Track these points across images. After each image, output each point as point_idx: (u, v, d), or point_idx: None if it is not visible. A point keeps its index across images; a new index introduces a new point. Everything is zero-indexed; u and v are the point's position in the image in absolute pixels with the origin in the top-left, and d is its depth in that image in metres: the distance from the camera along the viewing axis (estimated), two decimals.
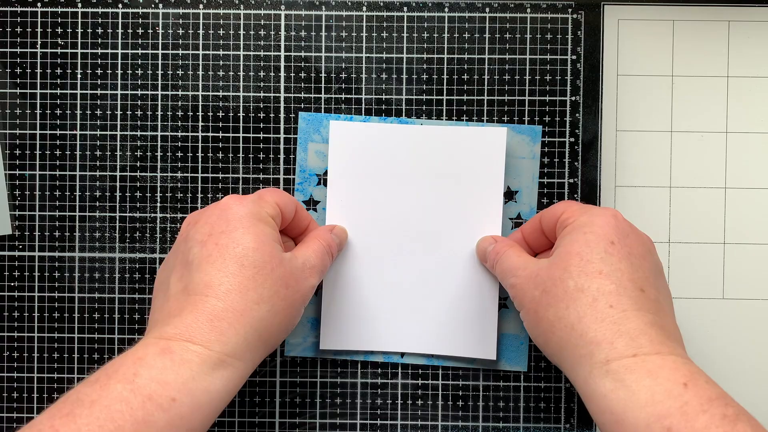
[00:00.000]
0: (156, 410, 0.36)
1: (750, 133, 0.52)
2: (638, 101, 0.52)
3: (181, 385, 0.37)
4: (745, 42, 0.52)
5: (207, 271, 0.41)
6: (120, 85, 0.52)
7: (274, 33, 0.52)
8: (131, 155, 0.52)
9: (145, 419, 0.36)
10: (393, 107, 0.52)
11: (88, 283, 0.52)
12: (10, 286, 0.52)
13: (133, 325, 0.52)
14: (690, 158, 0.52)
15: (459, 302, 0.51)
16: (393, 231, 0.51)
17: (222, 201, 0.44)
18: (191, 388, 0.38)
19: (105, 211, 0.52)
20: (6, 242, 0.52)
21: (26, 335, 0.52)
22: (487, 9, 0.52)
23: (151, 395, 0.37)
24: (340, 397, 0.52)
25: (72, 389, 0.38)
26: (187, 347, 0.38)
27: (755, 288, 0.52)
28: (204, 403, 0.38)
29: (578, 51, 0.52)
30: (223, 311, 0.40)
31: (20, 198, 0.52)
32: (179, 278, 0.42)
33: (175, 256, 0.44)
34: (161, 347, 0.38)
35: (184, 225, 0.44)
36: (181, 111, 0.52)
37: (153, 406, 0.36)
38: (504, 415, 0.52)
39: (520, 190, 0.52)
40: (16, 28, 0.52)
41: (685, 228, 0.52)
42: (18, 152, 0.52)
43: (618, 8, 0.52)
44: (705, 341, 0.52)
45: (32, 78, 0.52)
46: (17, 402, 0.52)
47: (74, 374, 0.52)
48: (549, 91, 0.52)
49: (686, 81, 0.52)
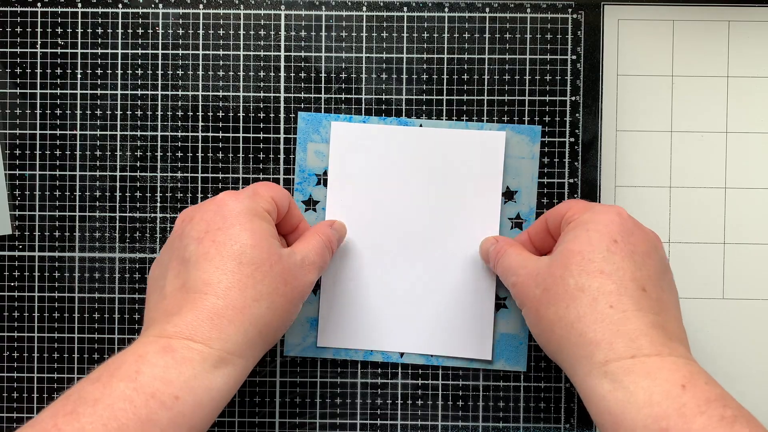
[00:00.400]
0: (159, 408, 0.37)
1: (750, 133, 0.52)
2: (638, 101, 0.52)
3: (183, 383, 0.37)
4: (745, 42, 0.52)
5: (205, 269, 0.41)
6: (120, 85, 0.52)
7: (274, 33, 0.52)
8: (131, 155, 0.52)
9: (149, 417, 0.36)
10: (393, 107, 0.52)
11: (88, 283, 0.52)
12: (10, 286, 0.52)
13: (133, 325, 0.52)
14: (690, 158, 0.52)
15: (456, 302, 0.51)
16: (392, 231, 0.51)
17: (217, 197, 0.44)
18: (193, 386, 0.38)
19: (105, 211, 0.52)
20: (6, 242, 0.52)
21: (26, 335, 0.52)
22: (487, 9, 0.52)
23: (154, 393, 0.37)
24: (340, 397, 0.52)
25: (73, 387, 0.38)
26: (189, 345, 0.38)
27: (755, 288, 0.52)
28: (206, 400, 0.38)
29: (578, 51, 0.52)
30: (223, 309, 0.40)
31: (20, 198, 0.52)
32: (176, 275, 0.42)
33: (169, 253, 0.43)
34: (162, 345, 0.38)
35: (178, 221, 0.44)
36: (181, 111, 0.52)
37: (156, 405, 0.36)
38: (504, 414, 0.52)
39: (519, 190, 0.52)
40: (16, 28, 0.52)
41: (685, 228, 0.52)
42: (18, 152, 0.52)
43: (618, 8, 0.52)
44: (705, 341, 0.52)
45: (32, 78, 0.52)
46: (17, 402, 0.52)
47: (74, 374, 0.52)
48: (549, 91, 0.52)
49: (686, 81, 0.52)
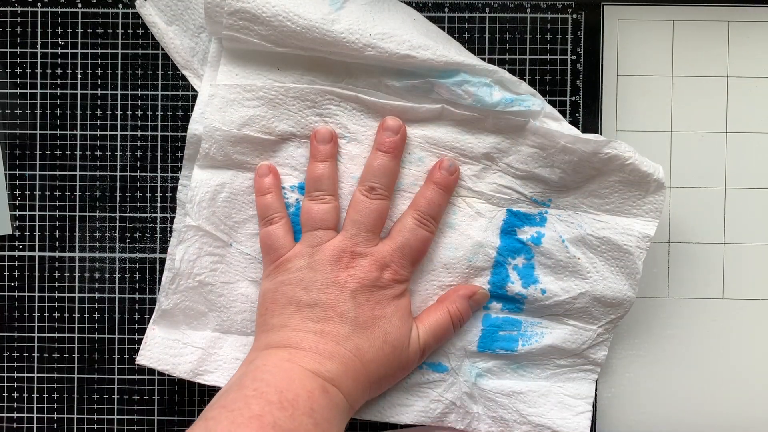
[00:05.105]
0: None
1: (750, 133, 0.52)
2: (638, 101, 0.52)
3: (335, 425, 0.43)
4: (745, 42, 0.52)
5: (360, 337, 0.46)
6: (120, 85, 0.52)
7: None
8: (131, 155, 0.52)
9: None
10: None
11: (88, 283, 0.52)
12: (10, 286, 0.52)
13: (133, 325, 0.52)
14: (690, 158, 0.52)
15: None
16: None
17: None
18: (339, 428, 0.44)
19: (105, 211, 0.52)
20: (6, 242, 0.52)
21: (26, 335, 0.52)
22: (487, 9, 0.52)
23: (324, 429, 0.42)
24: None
25: (260, 406, 0.41)
26: (337, 393, 0.44)
27: (755, 288, 0.52)
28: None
29: (578, 51, 0.52)
30: (364, 375, 0.46)
31: (20, 198, 0.52)
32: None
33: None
34: (320, 385, 0.43)
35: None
36: (181, 111, 0.52)
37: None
38: None
39: None
40: (16, 28, 0.52)
41: (685, 228, 0.52)
42: (18, 152, 0.52)
43: (618, 8, 0.52)
44: (705, 341, 0.52)
45: (32, 78, 0.52)
46: (17, 402, 0.52)
47: (74, 374, 0.52)
48: (549, 91, 0.52)
49: (686, 81, 0.52)
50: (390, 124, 0.48)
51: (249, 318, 0.50)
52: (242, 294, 0.50)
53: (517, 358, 0.50)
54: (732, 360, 0.52)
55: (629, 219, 0.49)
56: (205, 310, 0.50)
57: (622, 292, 0.49)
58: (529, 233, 0.49)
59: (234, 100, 0.48)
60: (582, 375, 0.50)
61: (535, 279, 0.49)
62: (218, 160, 0.49)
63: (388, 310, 0.47)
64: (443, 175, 0.48)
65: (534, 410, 0.50)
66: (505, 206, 0.50)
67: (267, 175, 0.49)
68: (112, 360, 0.52)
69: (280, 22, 0.46)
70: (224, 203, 0.49)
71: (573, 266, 0.49)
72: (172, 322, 0.49)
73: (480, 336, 0.50)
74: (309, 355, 0.44)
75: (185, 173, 0.50)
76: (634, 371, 0.52)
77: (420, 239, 0.48)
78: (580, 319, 0.50)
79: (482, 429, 0.50)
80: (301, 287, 0.46)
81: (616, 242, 0.49)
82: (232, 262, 0.50)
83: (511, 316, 0.50)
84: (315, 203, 0.48)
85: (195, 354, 0.49)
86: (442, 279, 0.49)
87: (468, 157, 0.49)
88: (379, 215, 0.47)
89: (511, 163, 0.49)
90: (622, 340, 0.52)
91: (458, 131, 0.49)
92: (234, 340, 0.50)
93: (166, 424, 0.52)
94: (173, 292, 0.49)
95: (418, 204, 0.48)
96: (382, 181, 0.47)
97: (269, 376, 0.43)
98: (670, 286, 0.52)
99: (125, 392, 0.52)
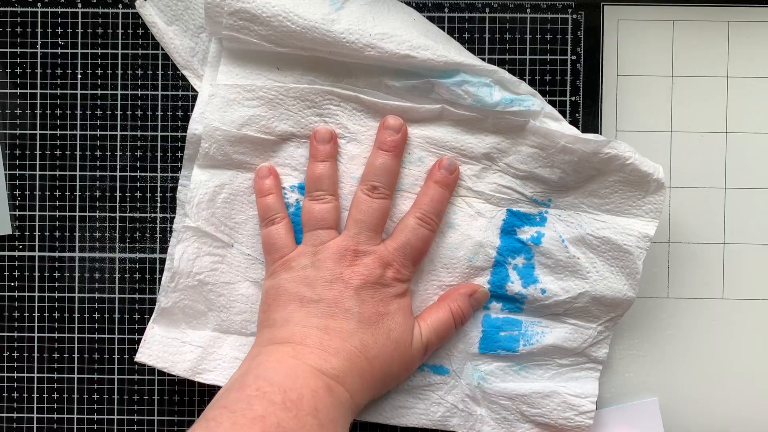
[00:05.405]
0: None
1: (750, 133, 0.52)
2: (638, 101, 0.52)
3: (339, 425, 0.43)
4: (745, 42, 0.52)
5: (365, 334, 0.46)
6: (120, 85, 0.52)
7: None
8: (131, 155, 0.52)
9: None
10: None
11: (88, 283, 0.52)
12: (10, 286, 0.52)
13: (133, 325, 0.52)
14: (690, 158, 0.52)
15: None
16: None
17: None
18: (344, 427, 0.44)
19: (105, 211, 0.52)
20: (6, 242, 0.52)
21: (26, 335, 0.52)
22: (487, 9, 0.52)
23: (329, 429, 0.42)
24: None
25: (263, 406, 0.41)
26: (342, 392, 0.44)
27: (755, 288, 0.52)
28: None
29: (578, 51, 0.52)
30: (369, 372, 0.45)
31: (20, 198, 0.52)
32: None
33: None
34: (325, 383, 0.43)
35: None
36: (181, 111, 0.52)
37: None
38: None
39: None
40: (16, 28, 0.52)
41: (685, 228, 0.52)
42: (18, 152, 0.52)
43: (618, 8, 0.52)
44: (705, 341, 0.52)
45: (32, 78, 0.52)
46: (17, 402, 0.52)
47: (74, 374, 0.52)
48: (549, 91, 0.52)
49: (686, 81, 0.52)
50: (391, 123, 0.48)
51: (249, 318, 0.50)
52: (243, 294, 0.50)
53: (519, 359, 0.50)
54: (732, 360, 0.52)
55: (629, 219, 0.49)
56: (204, 310, 0.50)
57: (622, 292, 0.49)
58: (529, 233, 0.49)
59: (234, 100, 0.48)
60: (585, 374, 0.50)
61: (535, 279, 0.49)
62: (218, 159, 0.49)
63: (391, 308, 0.47)
64: (443, 174, 0.48)
65: (537, 411, 0.50)
66: (505, 206, 0.50)
67: (267, 176, 0.49)
68: (112, 360, 0.52)
69: (280, 22, 0.46)
70: (224, 204, 0.49)
71: (573, 266, 0.49)
72: (171, 320, 0.49)
73: (481, 337, 0.50)
74: (314, 351, 0.44)
75: (185, 173, 0.50)
76: (634, 371, 0.52)
77: (421, 238, 0.48)
78: (581, 317, 0.50)
79: (486, 431, 0.50)
80: (304, 284, 0.46)
81: (616, 242, 0.49)
82: (233, 263, 0.50)
83: (511, 316, 0.50)
84: (316, 203, 0.48)
85: (194, 353, 0.49)
86: (442, 279, 0.49)
87: (468, 157, 0.49)
88: (381, 214, 0.47)
89: (511, 163, 0.49)
90: (623, 339, 0.52)
91: (458, 131, 0.49)
92: (234, 340, 0.50)
93: (166, 424, 0.52)
94: (172, 291, 0.49)
95: (420, 203, 0.48)
96: (384, 180, 0.48)
97: (272, 374, 0.43)
98: (670, 286, 0.52)
99: (125, 392, 0.52)
